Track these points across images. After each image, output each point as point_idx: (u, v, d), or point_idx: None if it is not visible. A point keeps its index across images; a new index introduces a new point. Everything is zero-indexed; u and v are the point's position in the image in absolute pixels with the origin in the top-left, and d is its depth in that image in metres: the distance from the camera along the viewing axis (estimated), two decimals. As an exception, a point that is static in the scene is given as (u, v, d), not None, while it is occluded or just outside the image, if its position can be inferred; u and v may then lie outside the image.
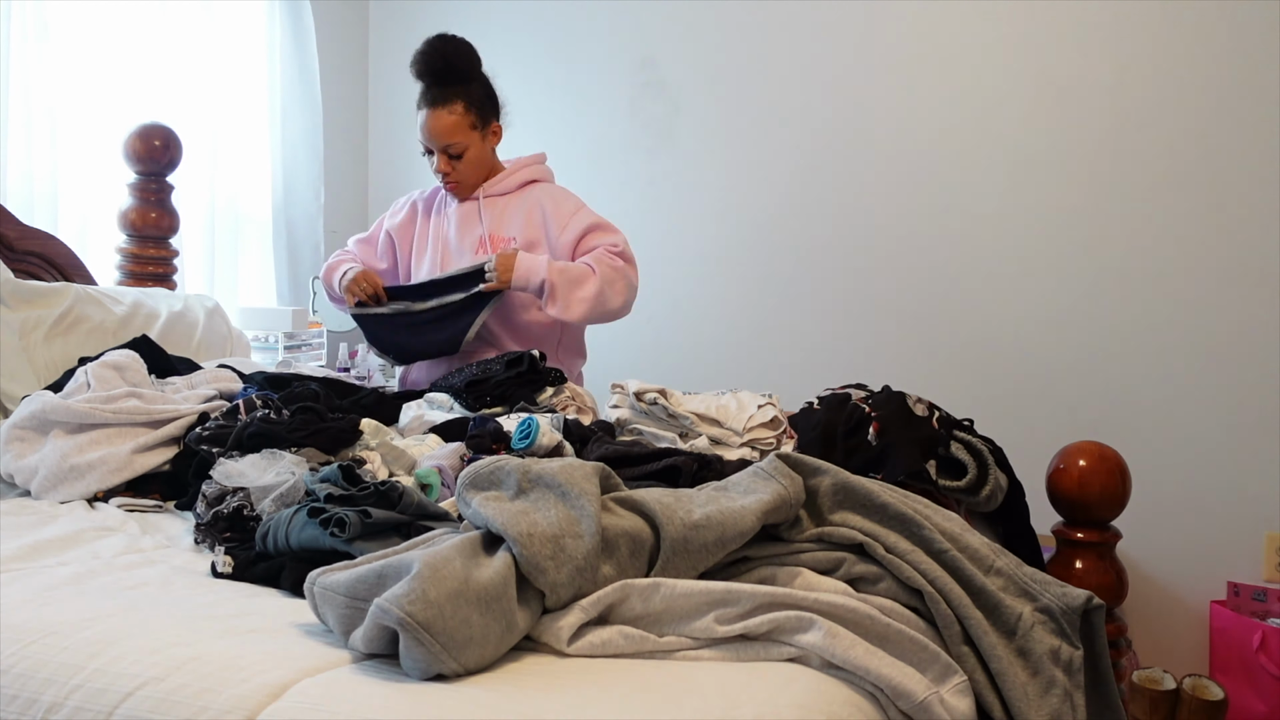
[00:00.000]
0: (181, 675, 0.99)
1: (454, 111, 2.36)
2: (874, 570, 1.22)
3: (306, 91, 3.52)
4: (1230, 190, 2.68)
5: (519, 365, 1.99)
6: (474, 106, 2.39)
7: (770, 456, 1.31)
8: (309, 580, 1.08)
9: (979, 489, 1.59)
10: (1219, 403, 2.70)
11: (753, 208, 3.27)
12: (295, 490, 1.45)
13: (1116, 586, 1.61)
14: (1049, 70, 2.87)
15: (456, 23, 3.76)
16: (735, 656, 1.08)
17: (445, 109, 2.35)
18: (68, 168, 2.82)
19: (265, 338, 3.04)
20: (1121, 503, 1.63)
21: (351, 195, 3.88)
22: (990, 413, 2.49)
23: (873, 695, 1.07)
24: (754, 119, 3.26)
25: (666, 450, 1.64)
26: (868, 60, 3.10)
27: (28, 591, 1.22)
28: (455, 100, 2.36)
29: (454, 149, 2.38)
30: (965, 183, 2.98)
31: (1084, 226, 2.84)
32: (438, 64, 2.36)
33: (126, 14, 2.95)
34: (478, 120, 2.40)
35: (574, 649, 1.06)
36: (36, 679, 1.03)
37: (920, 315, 3.04)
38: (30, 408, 1.78)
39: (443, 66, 2.37)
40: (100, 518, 1.62)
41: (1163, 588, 2.76)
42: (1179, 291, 2.74)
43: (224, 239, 3.27)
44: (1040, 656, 1.17)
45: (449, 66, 2.37)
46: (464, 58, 2.40)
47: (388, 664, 1.01)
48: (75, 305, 2.25)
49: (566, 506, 1.14)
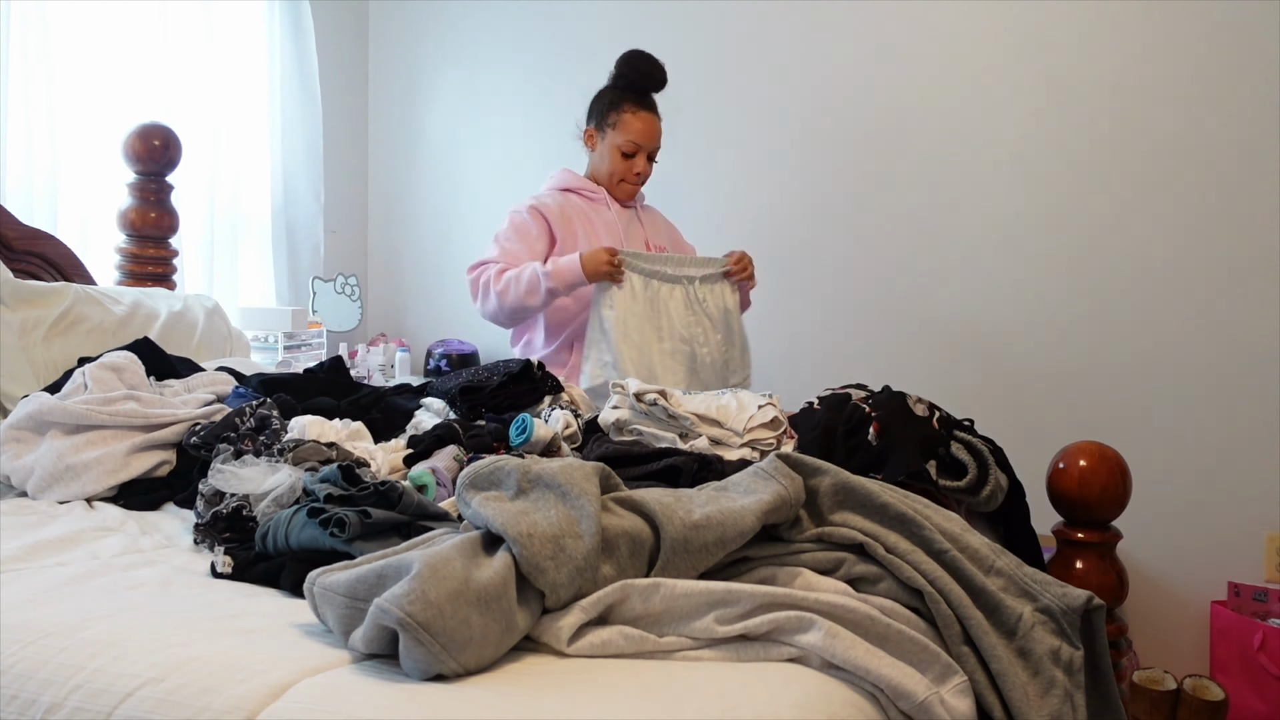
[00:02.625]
0: (181, 675, 0.99)
1: (660, 119, 2.62)
2: (874, 570, 1.22)
3: (306, 91, 3.52)
4: (1231, 190, 2.68)
5: (514, 373, 1.98)
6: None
7: (770, 456, 1.30)
8: (309, 580, 1.08)
9: (979, 489, 1.58)
10: (1219, 403, 2.69)
11: (752, 208, 3.27)
12: (293, 491, 1.45)
13: (1117, 587, 1.61)
14: (1050, 70, 2.87)
15: (456, 23, 3.76)
16: (735, 657, 1.08)
17: (657, 116, 2.60)
18: (68, 168, 2.82)
19: (265, 338, 3.04)
20: (1122, 503, 1.62)
21: (351, 195, 3.88)
22: (990, 413, 2.49)
23: (873, 695, 1.06)
24: (754, 119, 3.26)
25: (666, 450, 1.64)
26: (868, 60, 3.10)
27: (27, 591, 1.22)
28: (657, 111, 2.61)
29: (656, 154, 2.63)
30: (965, 182, 2.98)
31: (1084, 226, 2.84)
32: (658, 73, 2.58)
33: (126, 14, 2.95)
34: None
35: (574, 649, 1.06)
36: (35, 679, 1.03)
37: (920, 315, 3.04)
38: (27, 409, 1.78)
39: (661, 77, 2.59)
40: (100, 518, 1.61)
41: (1163, 588, 2.75)
42: (1179, 291, 2.74)
43: (224, 239, 3.27)
44: (1041, 657, 1.17)
45: (662, 78, 2.60)
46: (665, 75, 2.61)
47: (387, 664, 1.01)
48: (75, 305, 2.24)
49: (566, 507, 1.14)
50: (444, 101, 3.80)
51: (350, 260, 3.86)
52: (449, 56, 3.79)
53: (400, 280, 3.92)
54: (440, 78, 3.81)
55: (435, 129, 3.83)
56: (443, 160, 3.82)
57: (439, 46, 3.80)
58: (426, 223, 3.86)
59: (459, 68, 3.77)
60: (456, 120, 3.79)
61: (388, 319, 3.94)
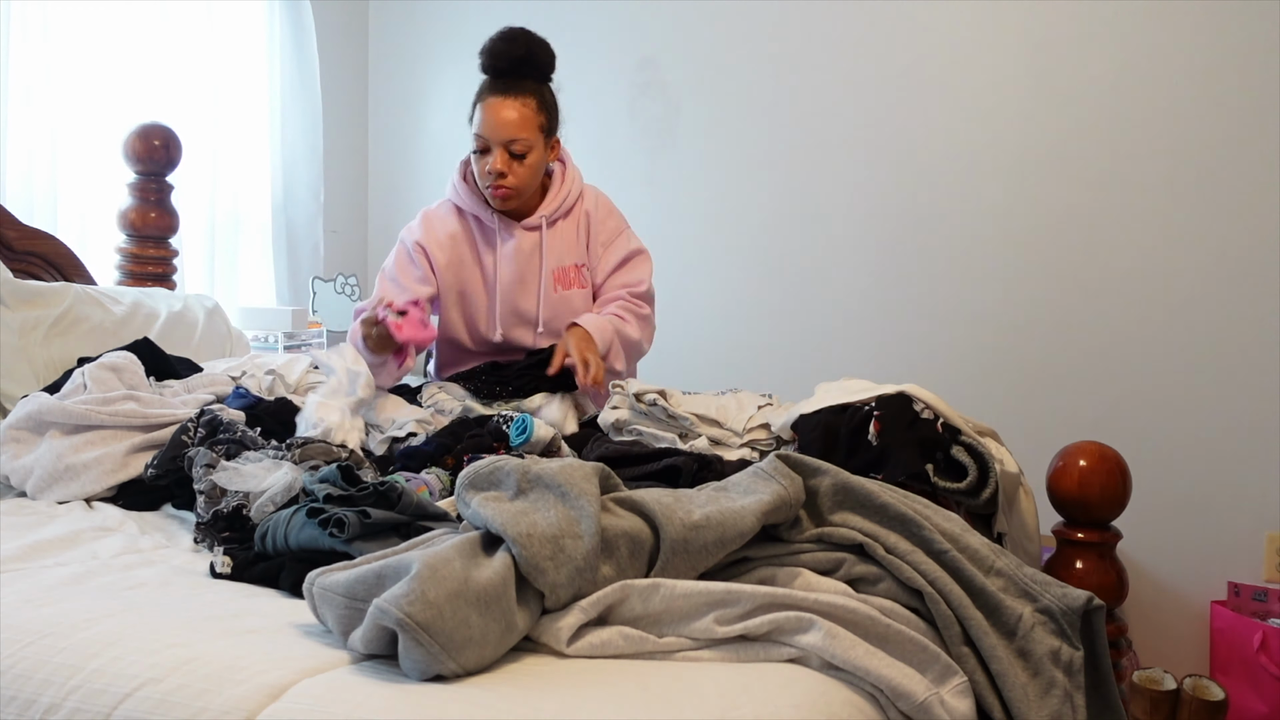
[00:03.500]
0: (180, 676, 0.99)
1: (527, 105, 2.11)
2: (874, 571, 1.22)
3: (306, 91, 3.52)
4: (1231, 190, 2.68)
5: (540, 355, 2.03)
6: (545, 107, 2.16)
7: (770, 457, 1.30)
8: (308, 581, 1.08)
9: (979, 491, 1.58)
10: (1219, 403, 2.69)
11: (753, 208, 3.27)
12: (289, 490, 1.45)
13: (1117, 587, 1.61)
14: (1051, 71, 2.87)
15: (456, 23, 3.76)
16: (735, 657, 1.08)
17: (517, 100, 2.10)
18: (68, 168, 2.82)
19: (265, 338, 3.04)
20: (1122, 503, 1.62)
21: (351, 195, 3.88)
22: (991, 413, 2.48)
23: (873, 696, 1.06)
24: (754, 119, 3.26)
25: (666, 450, 1.64)
26: (868, 60, 3.10)
27: (27, 592, 1.22)
28: (529, 95, 2.12)
29: (518, 146, 2.10)
30: (965, 182, 2.98)
31: (1084, 226, 2.84)
32: (519, 51, 2.13)
33: (126, 14, 2.95)
34: (546, 123, 2.17)
35: (573, 649, 1.06)
36: (35, 679, 1.03)
37: (920, 315, 3.04)
38: (27, 409, 1.78)
39: (524, 55, 2.14)
40: (99, 518, 1.61)
41: (1163, 588, 2.75)
42: (1179, 291, 2.74)
43: (224, 239, 3.27)
44: (1040, 657, 1.17)
45: (530, 57, 2.15)
46: (546, 54, 2.18)
47: (387, 664, 1.01)
48: (74, 305, 2.24)
49: (566, 507, 1.14)
50: (444, 101, 3.80)
51: (350, 260, 3.86)
52: (449, 56, 3.78)
53: (400, 280, 3.92)
54: (440, 78, 3.81)
55: (435, 129, 3.82)
56: (443, 160, 3.82)
57: (439, 46, 3.80)
58: (426, 223, 3.86)
59: (459, 68, 3.77)
60: (456, 120, 3.78)
61: (388, 319, 3.94)
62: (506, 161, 2.11)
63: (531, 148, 2.13)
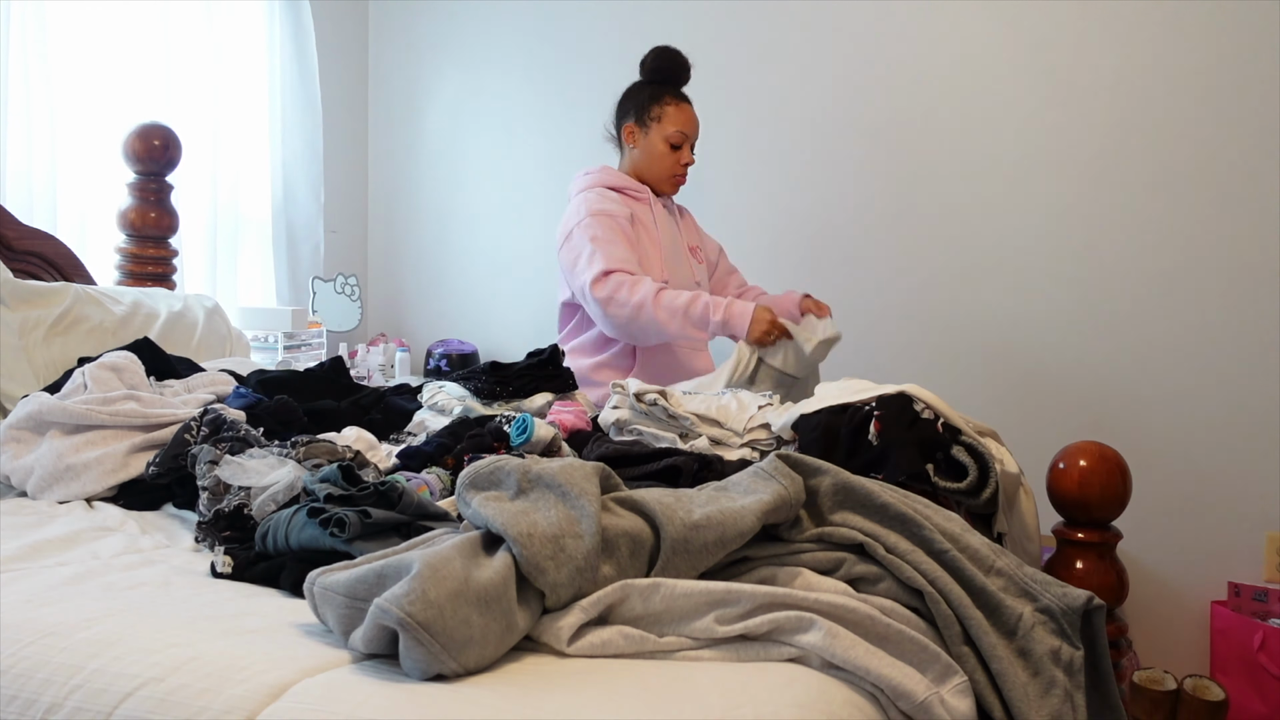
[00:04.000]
0: (181, 676, 0.99)
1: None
2: (874, 570, 1.22)
3: (306, 91, 3.52)
4: (1231, 190, 2.68)
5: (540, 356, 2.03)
6: None
7: (770, 456, 1.30)
8: (308, 580, 1.08)
9: (980, 491, 1.58)
10: (1219, 403, 2.69)
11: (753, 208, 3.27)
12: (290, 489, 1.45)
13: (1117, 587, 1.61)
14: (1052, 70, 2.87)
15: (457, 23, 3.76)
16: (735, 657, 1.08)
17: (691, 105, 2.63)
18: (67, 168, 2.82)
19: (265, 338, 3.04)
20: (1122, 503, 1.62)
21: (351, 195, 3.88)
22: (991, 413, 2.49)
23: (873, 695, 1.06)
24: (755, 118, 3.26)
25: (666, 450, 1.64)
26: (869, 60, 3.10)
27: (27, 591, 1.22)
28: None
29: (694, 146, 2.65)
30: (966, 182, 2.98)
31: (1085, 226, 2.84)
32: (686, 62, 2.63)
33: (126, 14, 2.95)
34: None
35: (574, 649, 1.06)
36: (35, 679, 1.03)
37: (921, 315, 3.04)
38: (27, 409, 1.78)
39: (689, 69, 2.64)
40: (100, 518, 1.61)
41: (1163, 588, 2.75)
42: (1179, 291, 2.74)
43: (224, 239, 3.27)
44: (1041, 657, 1.17)
45: (690, 71, 2.65)
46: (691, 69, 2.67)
47: (387, 664, 1.01)
48: (74, 305, 2.24)
49: (566, 506, 1.14)
50: (444, 101, 3.80)
51: (350, 260, 3.86)
52: (449, 56, 3.79)
53: (400, 280, 3.92)
54: (440, 78, 3.81)
55: (435, 129, 3.83)
56: (443, 160, 3.82)
57: (439, 46, 3.80)
58: (426, 223, 3.86)
59: (459, 68, 3.77)
60: (456, 120, 3.79)
61: (387, 319, 3.95)
62: (691, 155, 2.65)
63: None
